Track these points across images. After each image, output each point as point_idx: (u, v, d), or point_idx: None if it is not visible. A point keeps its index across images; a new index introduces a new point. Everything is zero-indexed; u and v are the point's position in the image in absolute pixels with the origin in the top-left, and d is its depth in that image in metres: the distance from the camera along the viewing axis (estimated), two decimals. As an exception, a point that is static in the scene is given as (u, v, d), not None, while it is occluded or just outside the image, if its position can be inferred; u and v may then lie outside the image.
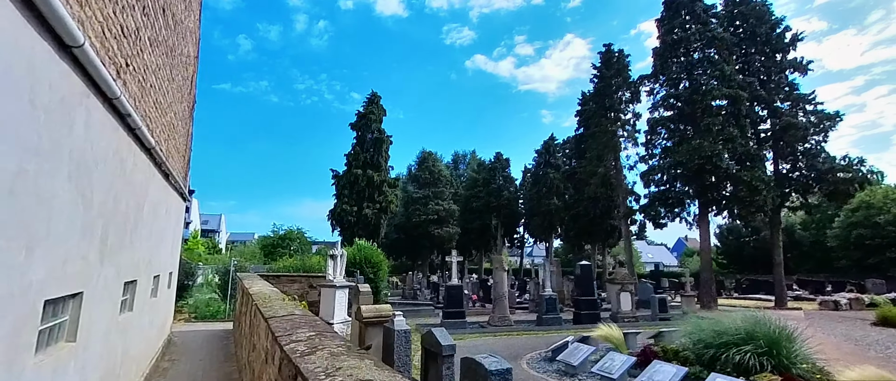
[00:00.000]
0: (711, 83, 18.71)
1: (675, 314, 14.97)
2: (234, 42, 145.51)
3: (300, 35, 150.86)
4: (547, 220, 31.01)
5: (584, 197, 26.55)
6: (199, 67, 12.51)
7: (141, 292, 6.37)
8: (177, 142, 9.06)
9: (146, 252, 6.57)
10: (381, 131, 31.86)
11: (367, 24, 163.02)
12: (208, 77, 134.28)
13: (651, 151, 21.45)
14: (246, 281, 9.16)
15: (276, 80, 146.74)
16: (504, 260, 13.22)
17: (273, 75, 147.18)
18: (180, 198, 10.87)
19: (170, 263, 9.95)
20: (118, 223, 4.50)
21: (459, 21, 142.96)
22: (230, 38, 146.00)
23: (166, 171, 7.54)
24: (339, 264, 11.84)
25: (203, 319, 14.77)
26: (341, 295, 11.57)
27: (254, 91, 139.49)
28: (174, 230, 10.31)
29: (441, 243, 35.03)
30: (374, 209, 29.64)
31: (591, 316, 13.53)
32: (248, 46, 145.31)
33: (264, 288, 7.38)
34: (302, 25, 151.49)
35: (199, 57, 12.39)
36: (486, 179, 41.45)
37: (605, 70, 25.74)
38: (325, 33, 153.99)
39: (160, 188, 7.25)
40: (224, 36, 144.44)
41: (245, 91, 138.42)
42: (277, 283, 13.30)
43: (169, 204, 8.70)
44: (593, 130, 25.43)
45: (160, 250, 8.17)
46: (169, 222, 8.91)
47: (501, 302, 12.98)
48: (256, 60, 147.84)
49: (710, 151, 17.24)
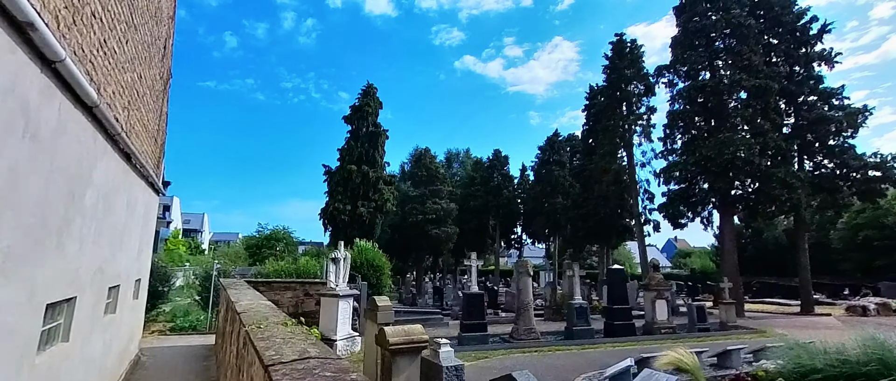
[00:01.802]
0: (738, 74, 17.41)
1: (712, 324, 13.56)
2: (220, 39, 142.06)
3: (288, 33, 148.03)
4: (552, 219, 29.56)
5: (593, 195, 25.14)
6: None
7: (84, 313, 4.59)
8: (145, 117, 7.24)
9: (93, 258, 4.79)
10: (377, 125, 30.04)
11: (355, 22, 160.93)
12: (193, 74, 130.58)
13: (670, 146, 20.09)
14: (231, 291, 7.37)
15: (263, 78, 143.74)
16: (528, 264, 11.61)
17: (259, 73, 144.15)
18: (151, 190, 9.01)
19: (136, 269, 8.10)
20: (24, 216, 2.75)
21: (448, 22, 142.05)
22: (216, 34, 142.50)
23: (127, 149, 5.74)
24: (343, 268, 10.11)
25: (181, 331, 12.84)
26: (345, 306, 9.84)
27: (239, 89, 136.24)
28: (143, 229, 8.45)
29: (438, 244, 33.32)
30: (370, 208, 27.80)
31: (625, 327, 12.01)
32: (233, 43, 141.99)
33: (256, 303, 5.62)
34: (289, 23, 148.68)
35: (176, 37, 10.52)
36: (484, 178, 39.90)
37: (618, 61, 24.36)
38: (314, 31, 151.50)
39: (116, 173, 5.46)
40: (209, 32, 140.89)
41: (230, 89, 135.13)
42: (268, 291, 11.47)
43: (133, 195, 6.88)
44: (605, 123, 24.01)
45: (120, 255, 6.36)
46: (133, 218, 7.09)
47: (527, 312, 11.37)
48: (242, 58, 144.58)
49: (741, 145, 15.93)
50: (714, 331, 12.89)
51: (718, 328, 13.25)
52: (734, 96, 17.82)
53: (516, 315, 11.64)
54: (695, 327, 12.80)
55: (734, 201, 18.13)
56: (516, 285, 11.72)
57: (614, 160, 24.33)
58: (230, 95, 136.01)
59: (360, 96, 30.71)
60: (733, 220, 18.94)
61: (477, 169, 43.76)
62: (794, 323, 15.98)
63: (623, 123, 23.78)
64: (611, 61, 25.04)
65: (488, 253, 55.71)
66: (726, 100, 18.51)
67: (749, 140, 16.04)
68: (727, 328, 13.23)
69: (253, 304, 5.42)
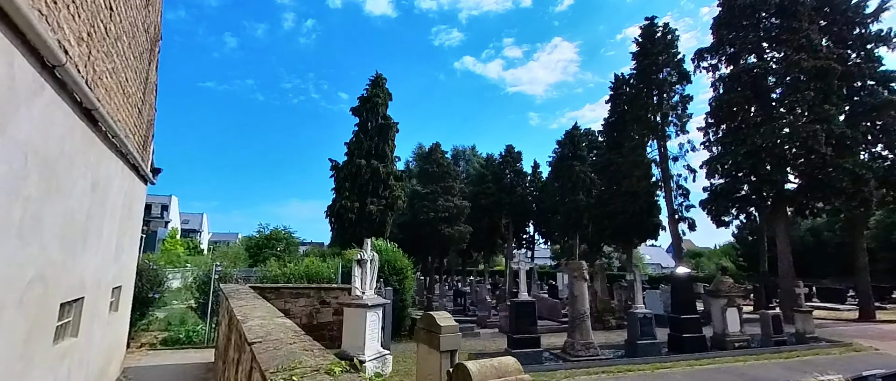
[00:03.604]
0: (796, 54, 15.64)
1: (788, 336, 11.75)
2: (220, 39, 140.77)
3: (287, 33, 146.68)
4: (573, 218, 27.73)
5: (619, 191, 23.35)
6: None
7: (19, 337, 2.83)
8: (121, 73, 5.47)
9: (35, 261, 3.04)
10: (387, 117, 28.23)
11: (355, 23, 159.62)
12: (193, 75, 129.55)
13: (713, 136, 18.28)
14: (236, 303, 5.59)
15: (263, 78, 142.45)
16: (584, 267, 9.84)
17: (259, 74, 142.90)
18: (135, 175, 7.22)
19: (113, 274, 6.33)
20: None
21: (448, 22, 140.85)
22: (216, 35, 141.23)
23: (87, 103, 3.97)
24: (370, 272, 8.32)
25: (174, 344, 11.04)
26: (373, 318, 8.04)
27: (239, 89, 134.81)
28: (124, 224, 6.68)
29: (451, 244, 31.51)
30: (380, 205, 25.98)
31: (695, 341, 10.24)
32: (233, 44, 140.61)
33: (270, 322, 3.84)
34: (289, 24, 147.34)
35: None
36: (496, 175, 38.16)
37: (649, 46, 22.57)
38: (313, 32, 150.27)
39: (66, 132, 3.70)
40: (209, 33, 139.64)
41: (230, 89, 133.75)
42: (277, 299, 9.70)
43: (103, 176, 5.12)
44: (636, 113, 22.19)
45: (83, 258, 4.61)
46: (104, 207, 5.32)
47: (583, 324, 9.59)
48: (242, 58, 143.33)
49: (805, 132, 14.16)
50: (794, 345, 11.11)
51: (796, 341, 11.47)
52: (790, 79, 16.04)
53: (570, 327, 9.86)
54: (771, 340, 11.02)
55: (789, 196, 16.35)
56: (570, 291, 9.95)
57: (644, 153, 22.57)
58: (230, 95, 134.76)
59: (369, 87, 28.91)
60: (787, 216, 17.16)
61: (488, 166, 41.97)
62: (865, 332, 14.22)
63: (654, 113, 21.99)
64: (641, 47, 23.22)
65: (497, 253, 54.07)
66: (779, 83, 16.76)
67: (813, 127, 14.26)
68: (806, 341, 11.46)
69: (267, 325, 3.64)
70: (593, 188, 27.68)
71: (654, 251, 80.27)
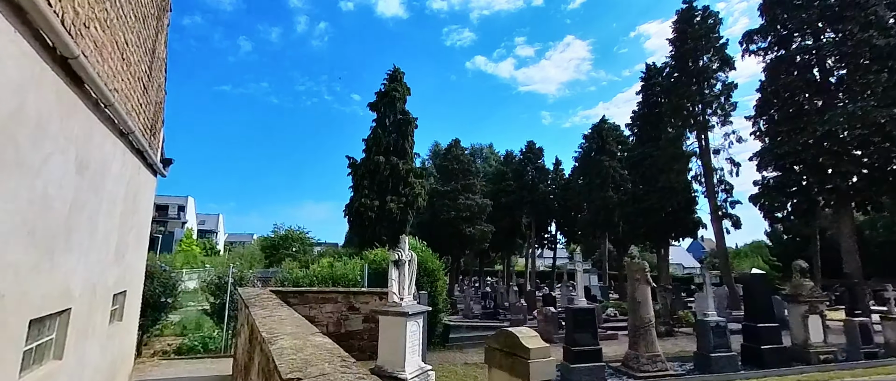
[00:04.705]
0: (866, 32, 14.09)
1: (877, 346, 10.31)
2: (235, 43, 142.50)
3: (301, 36, 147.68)
4: (602, 216, 26.28)
5: (655, 187, 21.89)
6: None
7: None
8: (120, 42, 4.45)
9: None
10: (406, 112, 27.15)
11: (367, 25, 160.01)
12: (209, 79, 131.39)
13: (765, 125, 16.76)
14: (257, 312, 4.53)
15: (277, 81, 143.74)
16: (646, 268, 8.60)
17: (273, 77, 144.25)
18: (140, 162, 6.24)
19: (115, 279, 5.34)
20: None
21: (460, 22, 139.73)
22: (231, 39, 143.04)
23: (74, 62, 2.94)
24: (408, 274, 7.21)
25: (189, 353, 10.12)
26: (414, 328, 6.91)
27: (254, 92, 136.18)
28: (128, 219, 5.70)
29: (472, 244, 30.33)
30: (400, 203, 24.92)
31: (775, 354, 8.92)
32: (248, 48, 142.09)
33: (305, 341, 2.71)
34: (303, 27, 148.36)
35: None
36: (517, 172, 36.85)
37: (689, 30, 20.95)
38: (326, 35, 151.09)
39: (55, 105, 2.66)
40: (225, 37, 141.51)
41: (245, 92, 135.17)
42: (301, 304, 8.67)
43: (100, 160, 4.11)
44: (675, 102, 20.68)
45: (72, 257, 3.60)
46: (99, 197, 4.31)
47: (649, 334, 8.36)
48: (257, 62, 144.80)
49: (881, 117, 12.64)
50: (885, 358, 9.68)
51: (886, 354, 10.03)
52: (854, 61, 14.50)
53: (633, 337, 8.63)
54: (859, 352, 9.62)
55: (857, 189, 14.79)
56: (631, 296, 8.71)
57: (682, 146, 21.07)
58: (245, 98, 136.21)
59: (387, 81, 27.87)
60: (852, 211, 15.58)
61: (507, 163, 40.69)
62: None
63: (695, 103, 20.46)
64: (678, 32, 21.67)
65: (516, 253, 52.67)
66: (840, 65, 15.22)
67: (890, 110, 12.73)
68: (898, 352, 10.00)
69: (302, 345, 2.54)
70: (623, 184, 26.18)
71: (674, 251, 77.71)
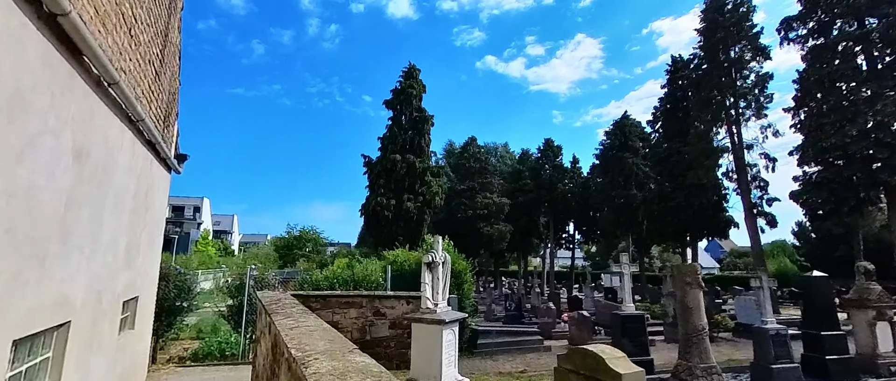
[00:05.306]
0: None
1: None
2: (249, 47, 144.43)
3: (312, 39, 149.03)
4: (625, 215, 25.34)
5: (683, 184, 20.91)
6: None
7: None
8: (127, 15, 3.91)
9: None
10: (422, 110, 26.59)
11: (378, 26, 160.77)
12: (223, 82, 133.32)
13: (805, 116, 15.74)
14: (281, 321, 3.90)
15: (289, 83, 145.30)
16: (698, 271, 7.83)
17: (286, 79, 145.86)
18: (153, 155, 5.72)
19: (126, 283, 4.80)
20: None
21: (470, 22, 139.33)
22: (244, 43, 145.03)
23: (64, 20, 2.36)
24: (442, 277, 6.55)
25: (205, 359, 9.63)
26: (450, 337, 6.25)
27: (267, 94, 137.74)
28: (138, 216, 5.17)
29: (490, 244, 29.62)
30: (417, 203, 24.34)
31: (841, 365, 8.07)
32: (261, 51, 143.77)
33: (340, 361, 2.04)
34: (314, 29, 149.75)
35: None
36: (534, 170, 36.03)
37: (719, 18, 19.94)
38: (337, 37, 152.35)
39: (41, 73, 2.11)
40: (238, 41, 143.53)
41: (258, 94, 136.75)
42: (324, 308, 8.11)
43: (104, 148, 3.55)
44: (705, 95, 19.67)
45: (71, 262, 3.05)
46: (104, 192, 3.76)
47: (703, 343, 7.58)
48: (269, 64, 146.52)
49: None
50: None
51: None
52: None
53: (684, 346, 7.85)
54: (935, 361, 8.69)
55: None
56: (681, 302, 7.95)
57: (712, 141, 20.07)
58: (258, 100, 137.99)
59: (402, 78, 27.34)
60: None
61: (523, 161, 39.88)
62: None
63: (726, 95, 19.43)
64: (707, 21, 20.62)
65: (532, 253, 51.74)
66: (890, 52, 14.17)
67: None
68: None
69: (340, 367, 1.88)
70: (647, 182, 25.21)
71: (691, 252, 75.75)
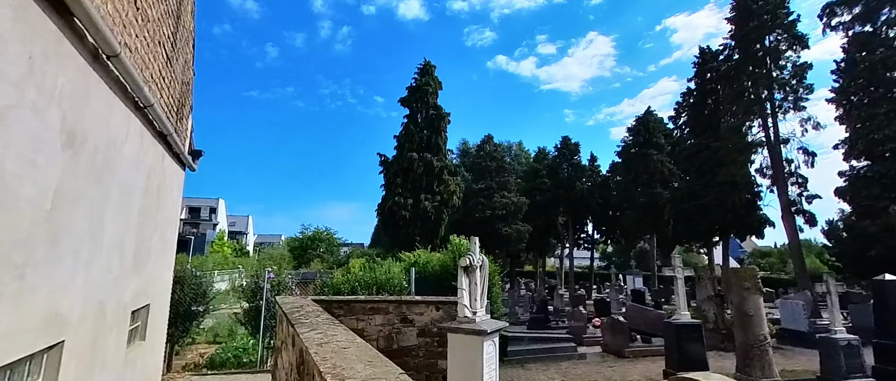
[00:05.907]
0: None
1: None
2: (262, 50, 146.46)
3: (324, 41, 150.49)
4: (649, 214, 24.41)
5: (714, 182, 19.94)
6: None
7: None
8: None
9: None
10: (438, 107, 26.01)
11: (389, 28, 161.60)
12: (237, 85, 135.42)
13: (853, 109, 14.73)
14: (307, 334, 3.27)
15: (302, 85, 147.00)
16: (757, 274, 7.07)
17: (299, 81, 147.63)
18: (165, 149, 5.22)
19: (135, 291, 4.28)
20: None
21: (480, 22, 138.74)
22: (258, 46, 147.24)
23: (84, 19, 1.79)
24: (480, 282, 5.89)
25: (222, 367, 9.16)
26: (490, 349, 5.56)
27: (281, 97, 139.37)
28: (148, 215, 4.65)
29: (509, 244, 28.90)
30: (434, 202, 23.77)
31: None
32: (274, 54, 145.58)
33: None
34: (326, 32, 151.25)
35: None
36: (551, 168, 35.19)
37: (752, 5, 18.79)
38: (349, 39, 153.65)
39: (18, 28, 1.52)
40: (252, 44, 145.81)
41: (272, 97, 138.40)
42: (348, 315, 7.52)
43: (104, 135, 3.03)
44: (737, 87, 18.66)
45: (62, 271, 2.53)
46: (107, 186, 3.21)
47: (765, 354, 6.85)
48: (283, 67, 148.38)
49: None
50: None
51: None
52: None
53: (743, 357, 7.11)
54: None
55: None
56: (738, 308, 7.19)
57: (745, 136, 19.07)
58: (272, 102, 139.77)
59: (417, 76, 26.81)
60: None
61: (540, 160, 39.05)
62: None
63: (760, 88, 18.39)
64: (739, 9, 19.51)
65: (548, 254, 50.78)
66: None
67: None
68: None
69: None
70: (672, 180, 24.23)
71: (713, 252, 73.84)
